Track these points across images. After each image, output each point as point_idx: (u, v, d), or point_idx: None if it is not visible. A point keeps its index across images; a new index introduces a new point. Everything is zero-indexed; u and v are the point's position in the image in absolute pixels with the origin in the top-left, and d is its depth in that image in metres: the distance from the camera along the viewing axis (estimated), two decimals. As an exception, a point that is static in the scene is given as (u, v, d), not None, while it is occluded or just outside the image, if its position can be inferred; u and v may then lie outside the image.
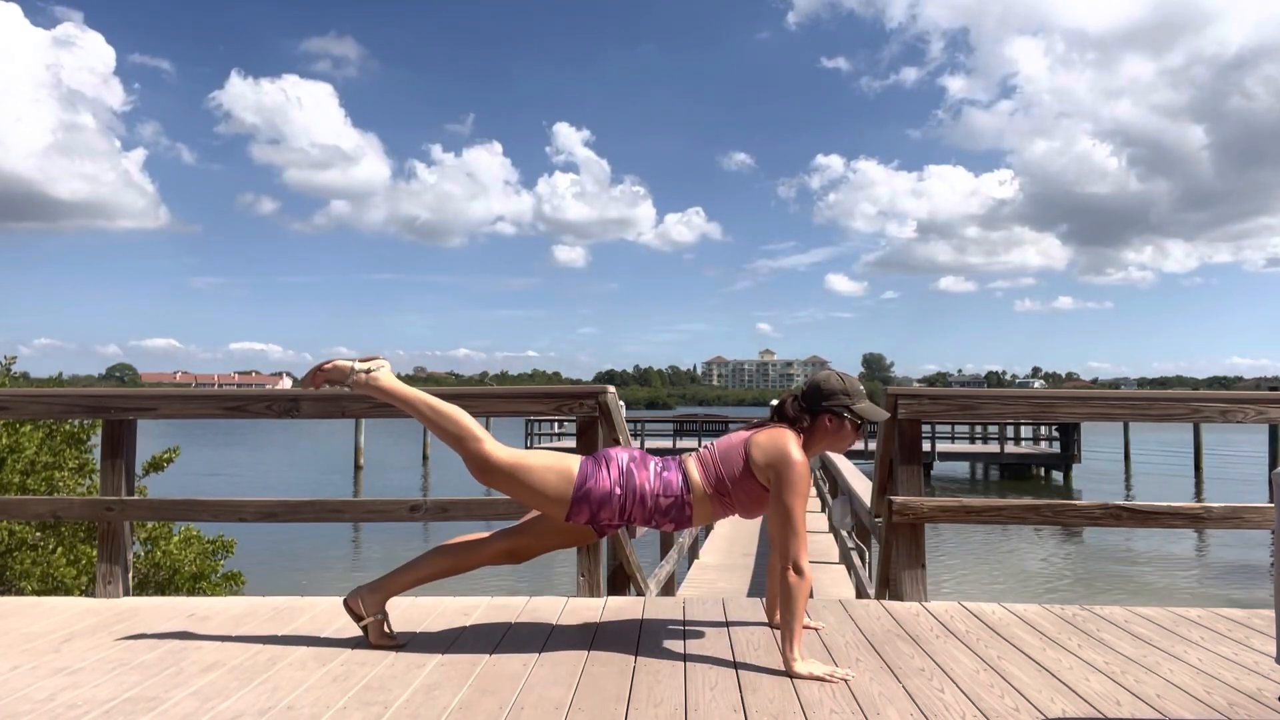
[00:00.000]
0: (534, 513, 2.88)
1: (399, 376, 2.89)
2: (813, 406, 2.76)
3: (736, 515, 2.78)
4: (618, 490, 2.68)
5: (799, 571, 2.56)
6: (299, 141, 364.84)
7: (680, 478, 2.71)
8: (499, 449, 2.72)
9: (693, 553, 10.51)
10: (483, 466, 2.72)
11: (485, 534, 2.90)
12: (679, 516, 2.71)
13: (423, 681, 2.43)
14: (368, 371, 2.80)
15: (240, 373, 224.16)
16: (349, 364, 2.81)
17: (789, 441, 2.66)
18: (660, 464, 2.76)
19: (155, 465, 6.50)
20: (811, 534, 11.09)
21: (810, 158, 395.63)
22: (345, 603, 2.84)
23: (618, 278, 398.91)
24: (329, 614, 3.19)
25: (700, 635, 2.91)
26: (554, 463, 2.73)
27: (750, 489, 2.68)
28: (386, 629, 2.80)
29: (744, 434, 2.77)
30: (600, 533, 2.85)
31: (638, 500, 2.68)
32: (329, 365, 2.83)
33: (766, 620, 3.06)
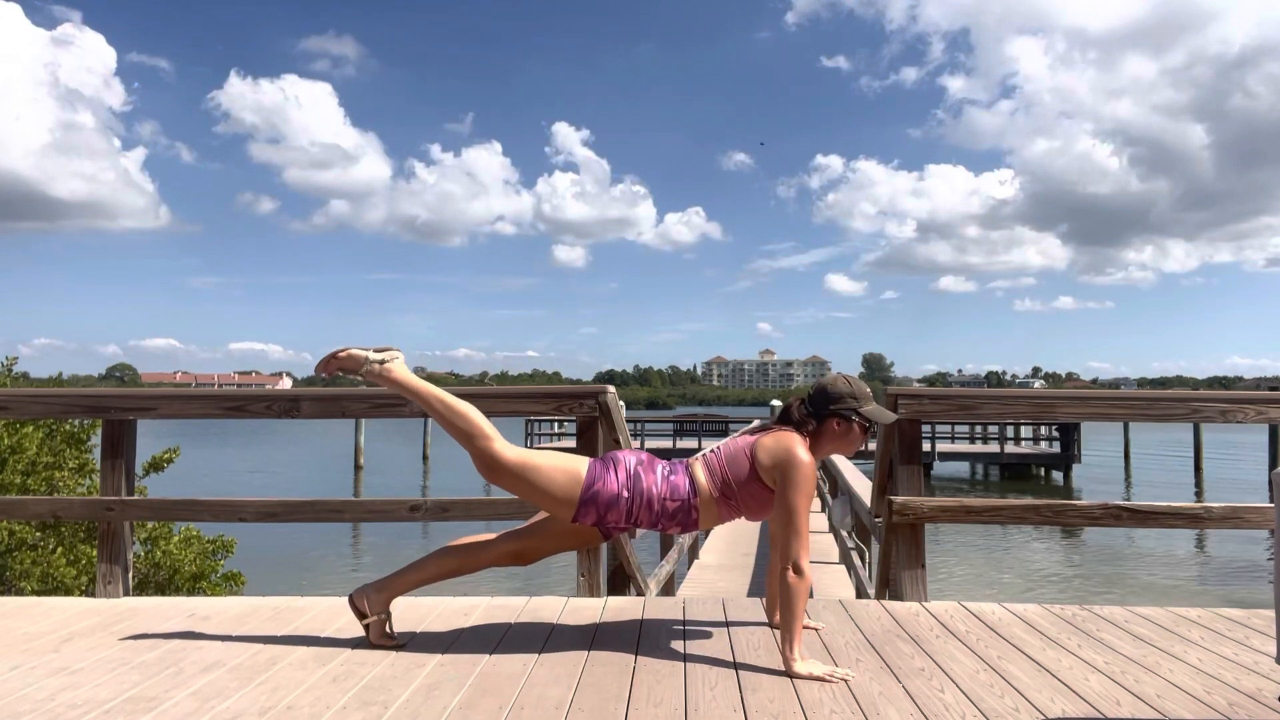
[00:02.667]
0: (540, 515, 2.88)
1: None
2: (819, 410, 2.75)
3: (743, 518, 2.78)
4: (625, 493, 2.68)
5: (799, 572, 2.56)
6: (298, 141, 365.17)
7: (687, 481, 2.71)
8: (507, 448, 2.72)
9: (693, 553, 10.51)
10: (490, 465, 2.71)
11: (491, 535, 2.90)
12: (685, 520, 2.72)
13: (423, 681, 2.43)
14: (381, 362, 2.80)
15: (240, 373, 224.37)
16: (363, 353, 2.80)
17: (795, 443, 2.67)
18: (667, 468, 2.76)
19: (155, 465, 6.50)
20: (811, 534, 11.08)
21: (810, 158, 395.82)
22: (350, 599, 2.85)
23: (618, 278, 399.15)
24: (329, 614, 3.19)
25: (700, 635, 2.91)
26: (562, 463, 2.73)
27: (756, 492, 2.68)
28: (388, 629, 2.80)
29: (750, 438, 2.76)
30: (606, 535, 2.84)
31: (645, 503, 2.68)
32: (343, 353, 2.81)
33: (766, 620, 3.06)
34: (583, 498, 2.68)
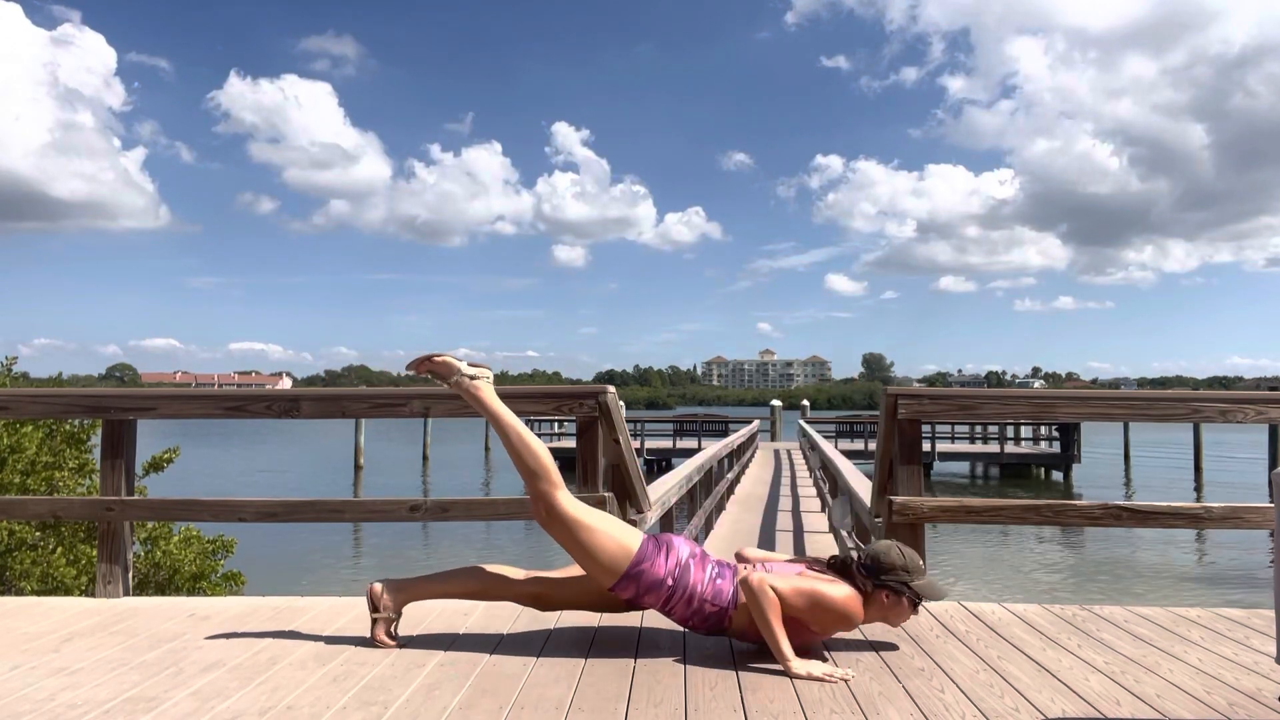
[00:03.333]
0: (572, 568, 2.88)
1: (400, 378, 2.90)
2: (871, 579, 2.72)
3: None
4: (670, 581, 2.68)
5: (758, 581, 2.56)
6: (298, 141, 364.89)
7: (731, 590, 2.71)
8: (568, 501, 2.73)
9: (693, 553, 10.48)
10: (548, 511, 2.72)
11: (521, 573, 2.90)
12: (716, 625, 2.73)
13: (423, 681, 2.43)
14: (473, 378, 2.82)
15: (240, 373, 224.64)
16: (458, 364, 2.83)
17: (853, 595, 2.65)
18: (716, 569, 2.75)
19: (155, 465, 6.51)
20: (812, 534, 11.09)
21: (810, 158, 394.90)
22: (369, 589, 2.84)
23: (618, 278, 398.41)
24: (329, 614, 3.20)
25: (700, 635, 2.91)
26: (616, 532, 2.73)
27: (793, 622, 2.63)
28: (393, 630, 2.81)
29: (800, 568, 2.74)
30: (631, 606, 2.84)
31: (685, 598, 2.69)
32: (439, 359, 2.84)
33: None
34: (627, 572, 2.67)
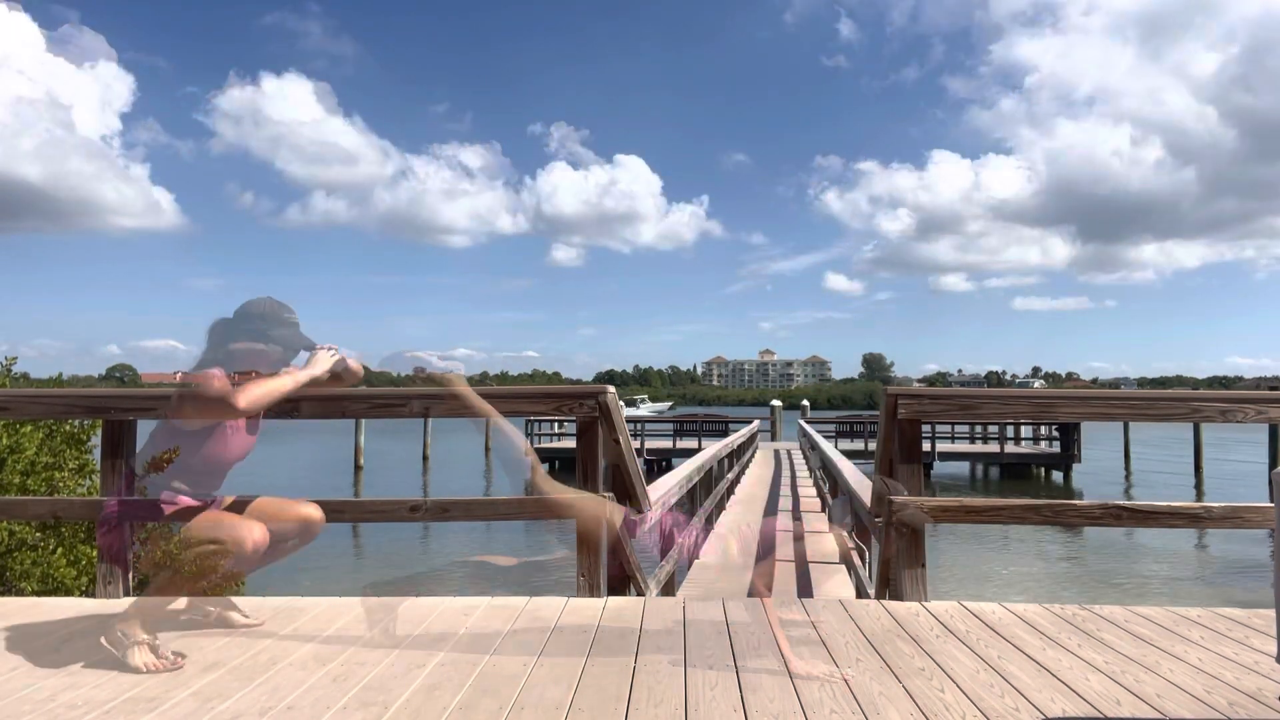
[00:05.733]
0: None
1: (399, 378, 2.90)
2: None
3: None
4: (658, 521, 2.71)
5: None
6: (297, 140, 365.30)
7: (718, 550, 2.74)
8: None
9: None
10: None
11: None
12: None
13: (423, 681, 2.43)
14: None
15: (240, 373, 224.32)
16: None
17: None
18: (700, 535, 2.79)
19: (155, 465, 6.50)
20: (812, 534, 11.09)
21: (810, 157, 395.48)
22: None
23: (617, 278, 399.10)
24: (329, 614, 3.20)
25: (700, 635, 2.91)
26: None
27: None
28: (391, 629, 2.81)
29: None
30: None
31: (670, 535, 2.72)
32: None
33: (767, 620, 3.06)
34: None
